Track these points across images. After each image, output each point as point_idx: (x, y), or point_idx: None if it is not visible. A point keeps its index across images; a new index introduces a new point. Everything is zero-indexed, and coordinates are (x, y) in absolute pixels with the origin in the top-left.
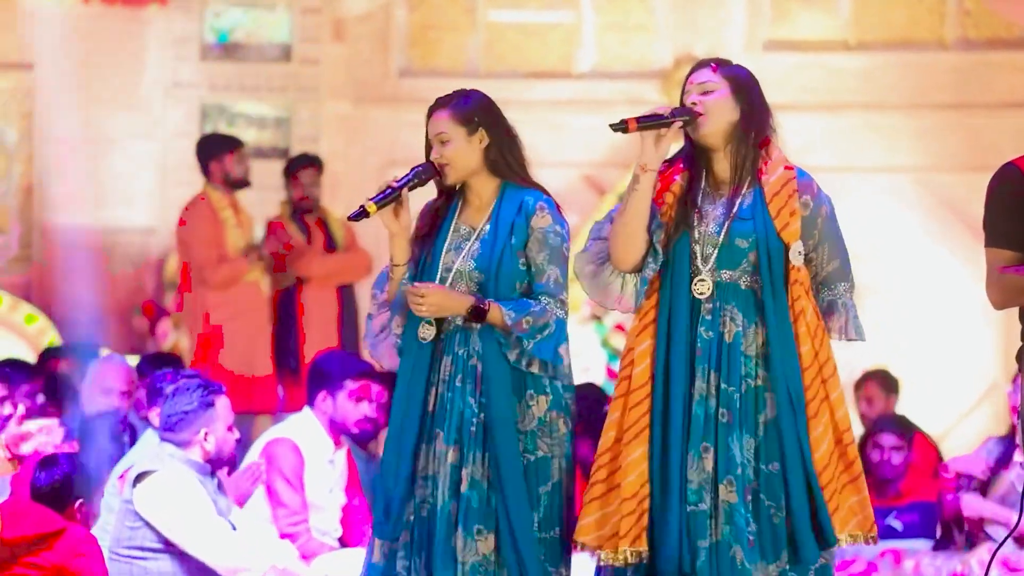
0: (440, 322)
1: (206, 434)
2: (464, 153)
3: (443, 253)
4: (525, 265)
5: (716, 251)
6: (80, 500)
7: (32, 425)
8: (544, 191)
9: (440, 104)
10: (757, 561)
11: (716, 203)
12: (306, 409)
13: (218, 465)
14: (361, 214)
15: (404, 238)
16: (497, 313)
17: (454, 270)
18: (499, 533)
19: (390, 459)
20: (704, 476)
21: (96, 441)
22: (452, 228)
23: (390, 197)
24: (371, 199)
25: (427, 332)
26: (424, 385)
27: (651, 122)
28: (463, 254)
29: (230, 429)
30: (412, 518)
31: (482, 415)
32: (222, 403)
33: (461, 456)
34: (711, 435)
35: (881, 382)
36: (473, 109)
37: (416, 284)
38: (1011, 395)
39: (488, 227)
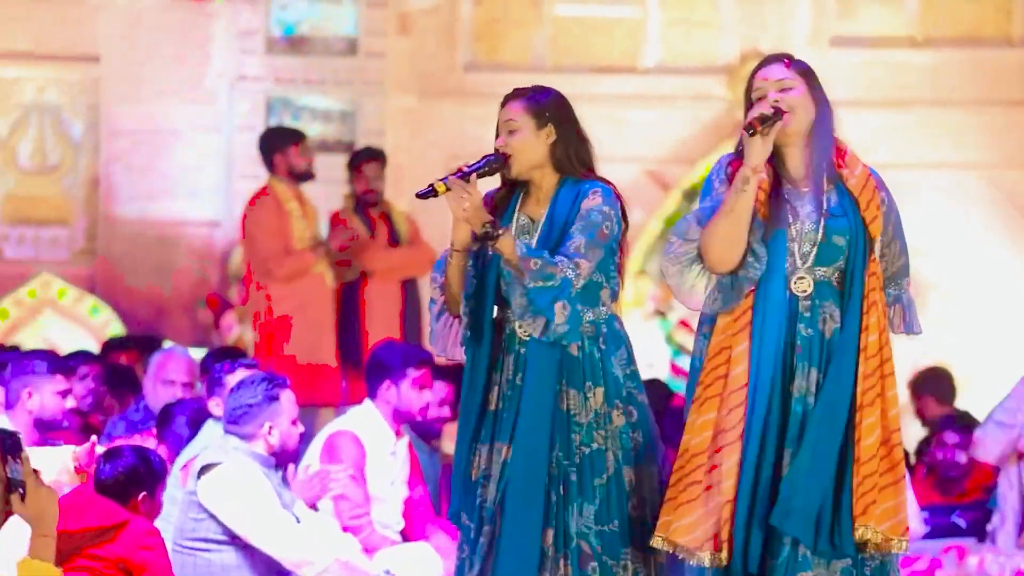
0: (501, 323)
1: (270, 428)
2: (530, 145)
3: None
4: None
5: (815, 248)
6: (144, 493)
7: (100, 449)
8: (607, 182)
9: (515, 95)
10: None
11: (802, 199)
12: (367, 401)
13: (282, 458)
14: (429, 192)
15: (467, 224)
16: (510, 242)
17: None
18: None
19: (456, 458)
20: None
21: (174, 430)
22: (514, 220)
23: (459, 180)
24: (440, 180)
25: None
26: (484, 383)
27: (771, 123)
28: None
29: (294, 423)
30: (475, 519)
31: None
32: (286, 396)
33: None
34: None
35: (935, 396)
36: (546, 104)
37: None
38: None
39: (545, 218)
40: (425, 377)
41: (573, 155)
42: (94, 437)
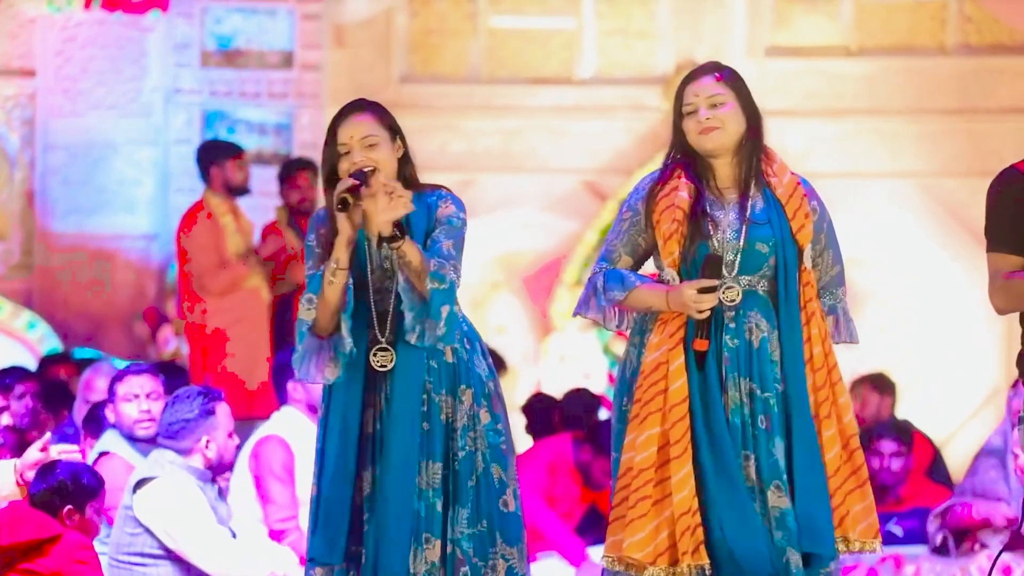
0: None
1: (207, 442)
2: (389, 159)
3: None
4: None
5: (738, 257)
6: (69, 507)
7: (55, 450)
8: (448, 189)
9: (363, 107)
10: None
11: (725, 209)
12: (284, 407)
13: (219, 472)
14: (345, 206)
15: (352, 241)
16: (413, 244)
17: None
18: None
19: (334, 488)
20: (750, 484)
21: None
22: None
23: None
24: (346, 190)
25: (385, 360)
26: (360, 410)
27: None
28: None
29: (230, 436)
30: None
31: (424, 424)
32: (222, 410)
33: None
34: (750, 443)
35: (872, 384)
36: (391, 117)
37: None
38: (1012, 401)
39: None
40: None
41: (413, 168)
42: (37, 446)
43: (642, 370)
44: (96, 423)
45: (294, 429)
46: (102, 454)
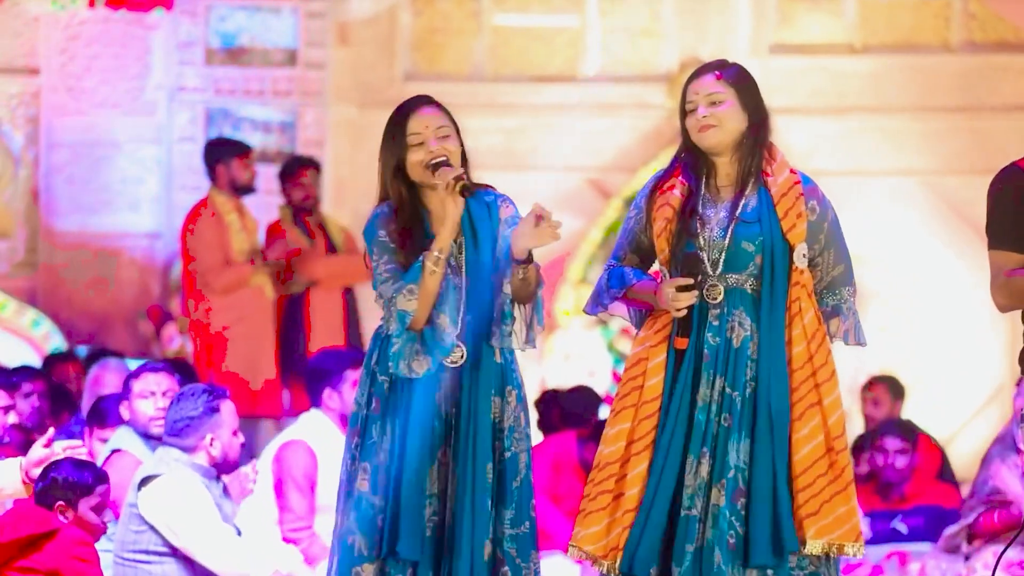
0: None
1: (212, 439)
2: (458, 153)
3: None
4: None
5: (723, 255)
6: (60, 503)
7: (58, 446)
8: (492, 187)
9: (427, 101)
10: (735, 564)
11: (718, 207)
12: (313, 409)
13: (223, 470)
14: (467, 190)
15: (457, 228)
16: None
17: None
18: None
19: (418, 485)
20: (700, 481)
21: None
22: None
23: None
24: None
25: (457, 356)
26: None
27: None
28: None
29: (235, 434)
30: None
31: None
32: (227, 408)
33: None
34: (710, 440)
35: (888, 386)
36: (451, 115)
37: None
38: (1016, 399)
39: (467, 237)
40: None
41: (469, 167)
42: (41, 443)
43: (625, 364)
44: (100, 416)
45: (321, 435)
46: (114, 451)
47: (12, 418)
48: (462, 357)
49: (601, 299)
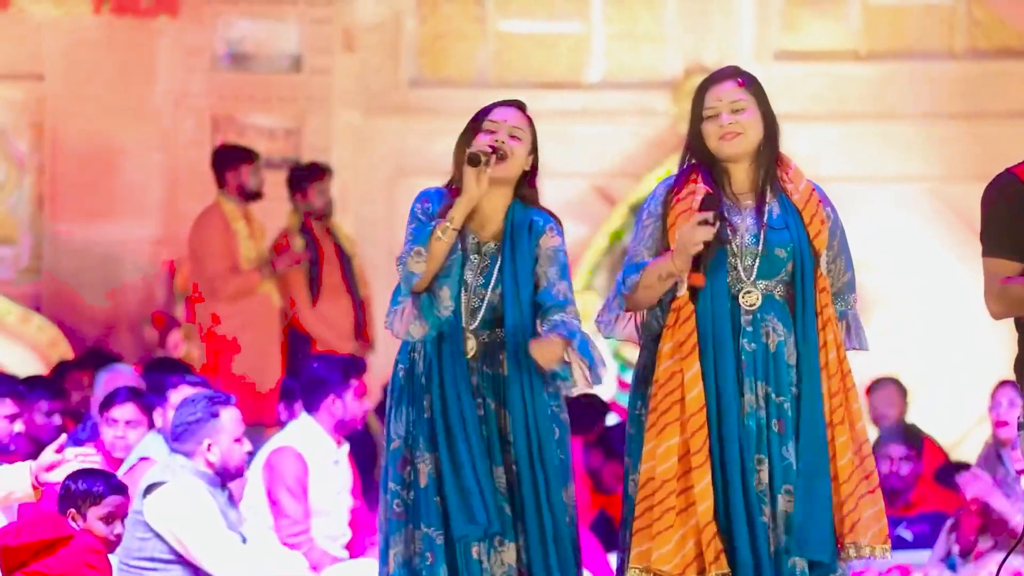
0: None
1: (209, 445)
2: (519, 160)
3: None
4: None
5: (756, 261)
6: (71, 509)
7: (70, 453)
8: (554, 215)
9: (520, 105)
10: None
11: (742, 214)
12: (303, 414)
13: (227, 477)
14: (476, 161)
15: (473, 204)
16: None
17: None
18: (530, 543)
19: (466, 459)
20: (761, 488)
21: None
22: (468, 241)
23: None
24: (481, 150)
25: (469, 347)
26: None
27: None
28: (473, 267)
29: (237, 441)
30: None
31: (483, 428)
32: (228, 415)
33: None
34: (764, 446)
35: (893, 388)
36: (535, 131)
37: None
38: (991, 411)
39: (504, 250)
40: (363, 385)
41: (535, 183)
42: (52, 447)
43: (656, 379)
44: (109, 400)
45: (310, 441)
46: (142, 459)
47: (19, 427)
48: (473, 349)
49: (620, 302)
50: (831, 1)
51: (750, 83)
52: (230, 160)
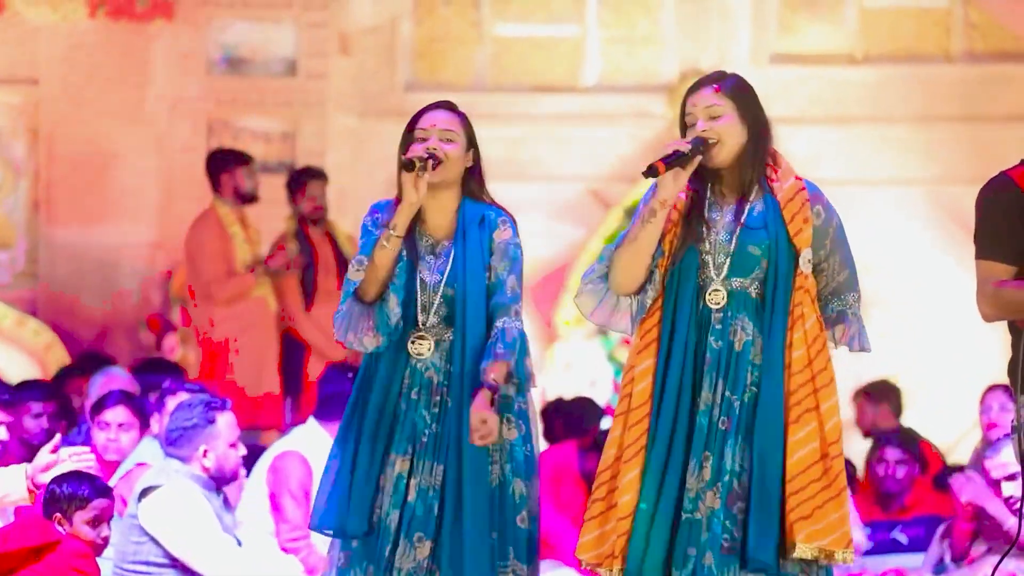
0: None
1: (205, 451)
2: (459, 161)
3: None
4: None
5: (728, 259)
6: (57, 514)
7: (64, 453)
8: (506, 210)
9: (448, 106)
10: (731, 567)
11: (724, 211)
12: (310, 420)
13: (223, 482)
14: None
15: (414, 210)
16: (502, 371)
17: (418, 280)
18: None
19: (371, 467)
20: (701, 485)
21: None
22: (419, 240)
23: (677, 160)
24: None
25: (423, 348)
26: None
27: (677, 160)
28: (430, 267)
29: (233, 446)
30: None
31: (435, 426)
32: (224, 419)
33: (411, 466)
34: (712, 444)
35: (879, 393)
36: (471, 128)
37: (474, 422)
38: (982, 415)
39: (455, 245)
40: None
41: (481, 177)
42: (47, 448)
43: (623, 374)
44: (101, 403)
45: (316, 447)
46: (138, 464)
47: (2, 433)
48: (429, 351)
49: (592, 268)
50: (828, 5)
51: (729, 88)
52: (224, 164)
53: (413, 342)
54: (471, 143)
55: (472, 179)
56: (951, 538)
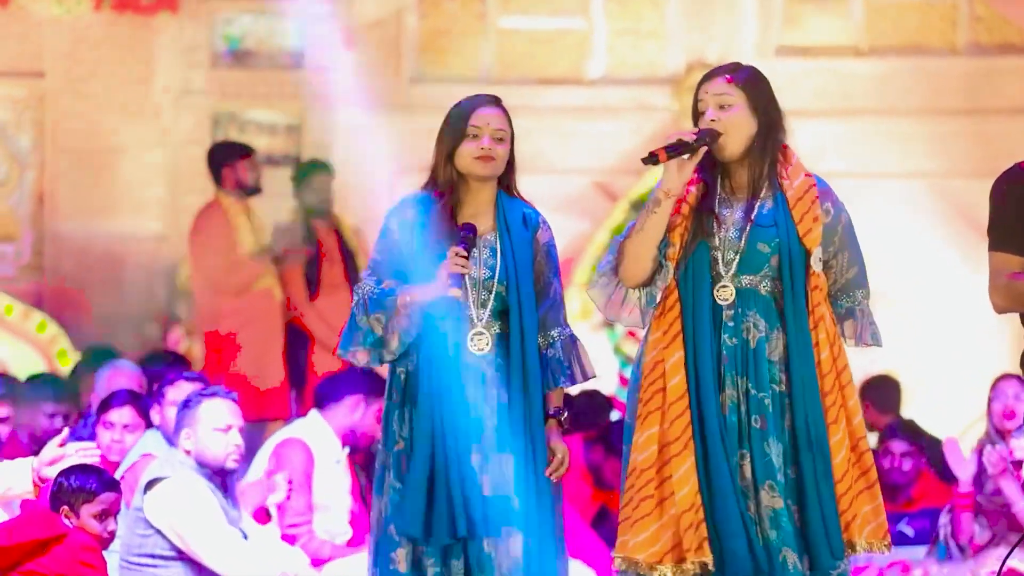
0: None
1: (188, 434)
2: (507, 154)
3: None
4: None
5: (738, 256)
6: (64, 507)
7: (71, 448)
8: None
9: (495, 102)
10: (803, 564)
11: (734, 208)
12: (312, 412)
13: (221, 472)
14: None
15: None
16: (562, 396)
17: (466, 277)
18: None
19: (454, 461)
20: (745, 483)
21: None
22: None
23: (680, 149)
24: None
25: (483, 344)
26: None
27: (679, 151)
28: (474, 260)
29: (225, 430)
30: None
31: (493, 419)
32: (210, 405)
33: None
34: (746, 441)
35: (881, 388)
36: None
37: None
38: (993, 402)
39: (502, 240)
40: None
41: (514, 173)
42: (55, 442)
43: (643, 370)
44: (107, 404)
45: (318, 436)
46: (144, 455)
47: (4, 429)
48: (489, 345)
49: (613, 267)
50: None
51: (743, 79)
52: (226, 156)
53: (472, 339)
54: (512, 140)
55: (508, 174)
56: (953, 523)
